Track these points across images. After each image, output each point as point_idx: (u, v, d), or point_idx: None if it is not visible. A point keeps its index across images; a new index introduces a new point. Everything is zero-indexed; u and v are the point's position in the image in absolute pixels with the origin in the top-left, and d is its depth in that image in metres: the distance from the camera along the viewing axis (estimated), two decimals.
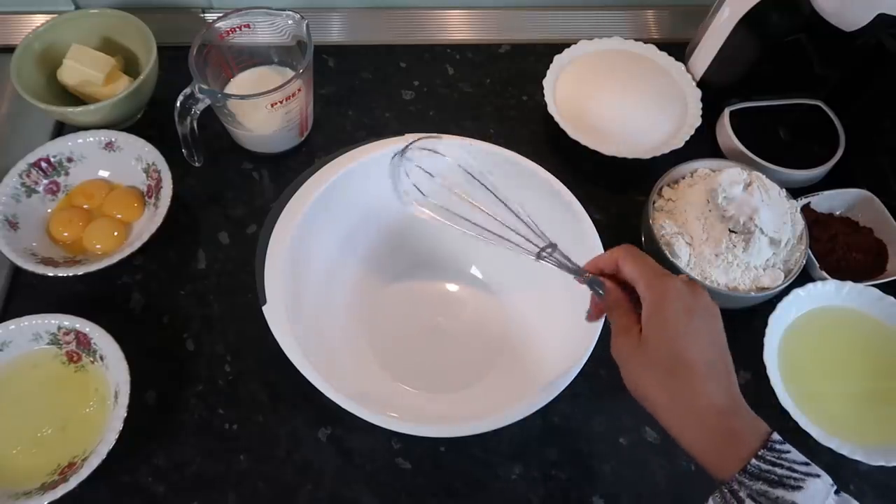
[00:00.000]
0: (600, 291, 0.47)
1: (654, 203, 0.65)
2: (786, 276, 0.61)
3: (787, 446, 0.39)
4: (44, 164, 0.65)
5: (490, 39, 0.82)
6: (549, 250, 0.48)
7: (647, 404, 0.43)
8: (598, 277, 0.47)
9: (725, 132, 0.72)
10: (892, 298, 0.63)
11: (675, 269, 0.61)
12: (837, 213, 0.70)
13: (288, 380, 0.50)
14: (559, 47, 0.76)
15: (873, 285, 0.63)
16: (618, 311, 0.46)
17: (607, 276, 0.47)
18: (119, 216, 0.66)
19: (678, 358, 0.41)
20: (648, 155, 0.69)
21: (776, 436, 0.39)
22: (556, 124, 0.70)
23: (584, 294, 0.49)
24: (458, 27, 0.84)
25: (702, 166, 0.67)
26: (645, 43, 0.77)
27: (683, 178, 0.67)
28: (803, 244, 0.63)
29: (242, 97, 0.63)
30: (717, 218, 0.62)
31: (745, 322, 0.63)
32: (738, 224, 0.61)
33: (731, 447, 0.39)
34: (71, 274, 0.59)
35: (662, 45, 0.77)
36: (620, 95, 0.73)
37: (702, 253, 0.61)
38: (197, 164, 0.67)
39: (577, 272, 0.48)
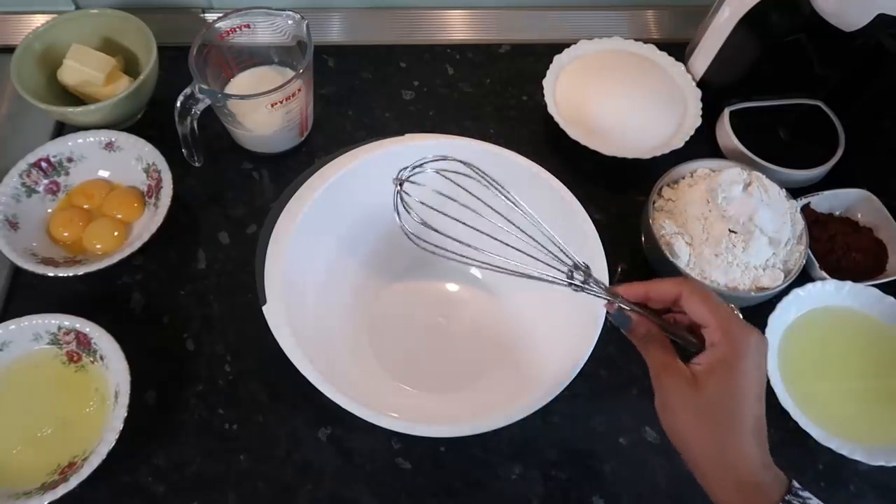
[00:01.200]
0: (628, 324, 0.44)
1: (654, 203, 0.65)
2: (785, 277, 0.61)
3: (807, 493, 0.39)
4: (44, 164, 0.65)
5: (490, 39, 0.82)
6: (581, 275, 0.45)
7: (685, 451, 0.42)
8: (628, 309, 0.44)
9: (725, 132, 0.72)
10: (892, 298, 0.63)
11: (675, 269, 0.61)
12: (837, 213, 0.70)
13: (288, 380, 0.50)
14: (559, 47, 0.76)
15: (873, 285, 0.63)
16: (653, 346, 0.43)
17: (640, 303, 0.44)
18: (119, 216, 0.66)
19: (735, 414, 0.40)
20: (648, 155, 0.69)
21: (796, 483, 0.39)
22: (556, 124, 0.70)
23: (583, 295, 0.49)
24: (458, 27, 0.84)
25: (702, 166, 0.67)
26: (645, 43, 0.77)
27: (683, 178, 0.67)
28: (803, 244, 0.63)
29: (242, 97, 0.63)
30: (717, 218, 0.62)
31: None
32: (738, 224, 0.61)
33: (755, 497, 0.39)
34: (71, 274, 0.59)
35: (662, 45, 0.77)
36: (620, 95, 0.73)
37: (701, 253, 0.61)
38: (197, 164, 0.67)
39: (610, 299, 0.44)
